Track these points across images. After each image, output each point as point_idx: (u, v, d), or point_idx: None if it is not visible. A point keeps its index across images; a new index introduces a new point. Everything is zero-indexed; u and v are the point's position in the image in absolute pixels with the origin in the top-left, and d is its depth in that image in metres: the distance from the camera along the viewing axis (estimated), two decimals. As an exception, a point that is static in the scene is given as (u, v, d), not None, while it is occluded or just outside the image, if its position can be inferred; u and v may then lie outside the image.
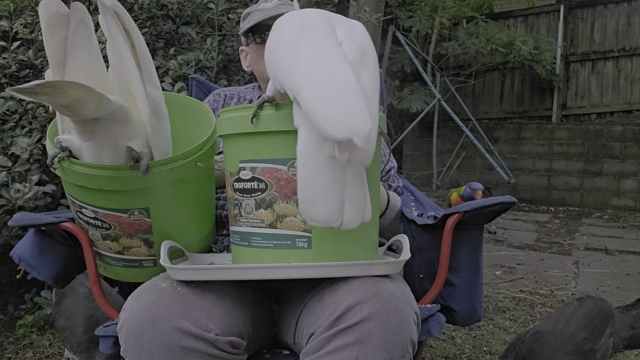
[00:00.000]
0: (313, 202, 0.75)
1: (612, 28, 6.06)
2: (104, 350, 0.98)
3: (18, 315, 2.04)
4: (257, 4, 1.43)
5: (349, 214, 0.76)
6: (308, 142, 0.77)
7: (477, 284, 1.14)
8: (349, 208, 0.76)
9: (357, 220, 0.77)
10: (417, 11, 5.67)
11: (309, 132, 0.77)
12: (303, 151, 0.77)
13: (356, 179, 0.77)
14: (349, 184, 0.77)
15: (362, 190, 0.78)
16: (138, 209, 0.98)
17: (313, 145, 0.76)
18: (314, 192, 0.75)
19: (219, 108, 1.43)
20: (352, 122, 0.72)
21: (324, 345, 0.86)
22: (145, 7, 2.31)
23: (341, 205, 0.76)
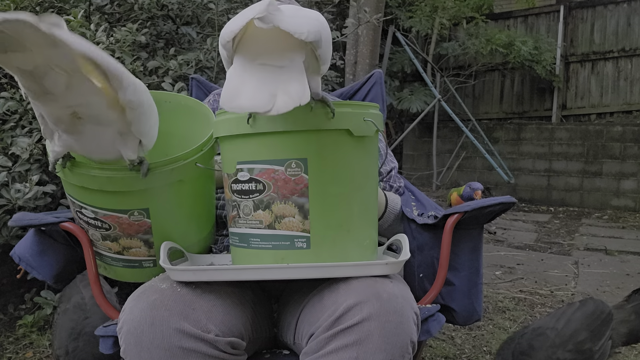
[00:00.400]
0: (237, 94, 0.74)
1: (612, 28, 6.06)
2: (104, 351, 0.99)
3: (18, 315, 2.04)
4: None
5: (281, 100, 0.74)
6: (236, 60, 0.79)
7: (476, 283, 1.14)
8: (282, 97, 0.74)
9: (291, 104, 0.74)
10: (417, 11, 5.68)
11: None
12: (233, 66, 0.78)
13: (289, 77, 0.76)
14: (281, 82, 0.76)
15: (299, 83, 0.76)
16: (138, 209, 0.99)
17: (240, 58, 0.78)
18: (238, 87, 0.74)
19: (219, 108, 1.43)
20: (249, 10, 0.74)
21: (323, 346, 0.86)
22: (145, 7, 2.31)
23: (272, 96, 0.74)
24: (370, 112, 0.94)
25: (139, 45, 2.24)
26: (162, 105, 1.16)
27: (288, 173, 0.87)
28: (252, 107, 0.73)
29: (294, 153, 0.87)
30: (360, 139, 0.92)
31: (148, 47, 2.37)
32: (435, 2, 5.55)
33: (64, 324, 1.34)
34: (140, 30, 2.16)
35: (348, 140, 0.91)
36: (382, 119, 1.00)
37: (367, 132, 0.93)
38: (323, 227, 0.89)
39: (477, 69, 6.20)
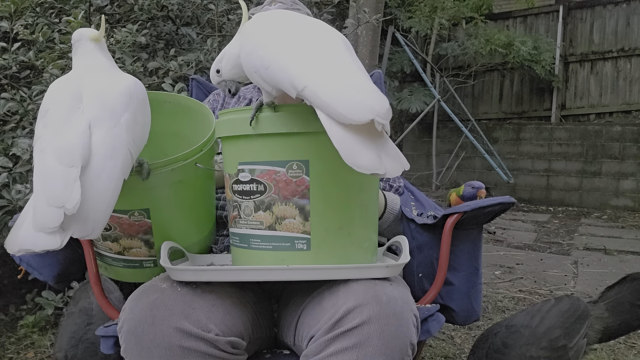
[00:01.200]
0: (355, 153, 0.75)
1: (611, 29, 6.07)
2: (105, 351, 0.99)
3: (19, 315, 2.05)
4: (261, 6, 1.44)
5: (389, 164, 0.76)
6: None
7: (475, 283, 1.15)
8: (388, 160, 0.76)
9: (399, 169, 0.77)
10: (416, 12, 5.68)
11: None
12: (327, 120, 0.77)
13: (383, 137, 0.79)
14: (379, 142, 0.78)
15: (393, 146, 0.80)
16: (138, 210, 0.99)
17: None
18: (353, 146, 0.75)
19: (219, 108, 1.44)
20: (369, 103, 0.75)
21: (323, 348, 0.86)
22: (145, 8, 2.31)
23: (379, 157, 0.76)
24: None
25: (139, 46, 2.25)
26: (162, 106, 1.16)
27: (289, 174, 0.88)
28: (373, 169, 0.75)
29: (295, 155, 0.88)
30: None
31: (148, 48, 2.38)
32: (435, 2, 5.56)
33: (67, 327, 1.34)
34: (141, 31, 2.16)
35: None
36: None
37: None
38: (323, 229, 0.89)
39: (477, 69, 6.20)
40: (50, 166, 0.80)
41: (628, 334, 2.11)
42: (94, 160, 0.81)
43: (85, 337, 1.29)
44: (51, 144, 0.82)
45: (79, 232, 0.78)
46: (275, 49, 0.83)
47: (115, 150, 0.83)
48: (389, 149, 0.78)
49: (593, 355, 1.92)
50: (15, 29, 1.99)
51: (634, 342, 2.08)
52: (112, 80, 0.93)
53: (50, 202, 0.76)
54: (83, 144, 0.81)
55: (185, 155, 1.00)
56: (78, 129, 0.83)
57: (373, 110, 0.74)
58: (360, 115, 0.74)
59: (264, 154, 0.89)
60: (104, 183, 0.80)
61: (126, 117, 0.88)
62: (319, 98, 0.76)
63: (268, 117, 0.88)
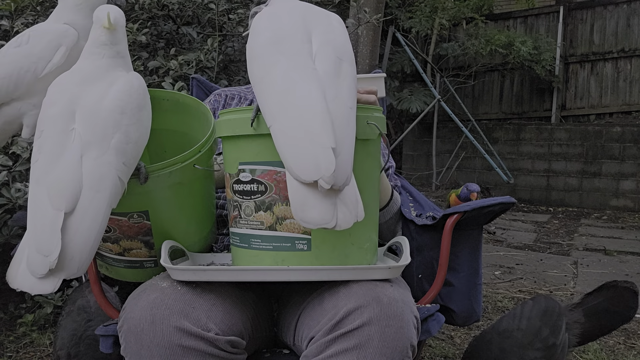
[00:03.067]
0: (305, 205, 0.77)
1: (612, 29, 6.06)
2: (104, 350, 0.99)
3: (18, 314, 2.04)
4: (265, 3, 1.43)
5: (342, 214, 0.78)
6: None
7: (475, 284, 1.15)
8: (342, 209, 0.78)
9: (350, 220, 0.78)
10: (417, 12, 5.68)
11: None
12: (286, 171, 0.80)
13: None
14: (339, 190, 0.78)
15: (353, 191, 0.80)
16: (137, 212, 0.99)
17: None
18: (305, 197, 0.77)
19: (220, 108, 1.43)
20: (317, 165, 0.76)
21: (323, 350, 0.86)
22: (146, 7, 2.31)
23: (334, 206, 0.77)
24: (374, 115, 0.95)
25: (140, 45, 2.25)
26: (160, 103, 1.16)
27: None
28: (321, 224, 0.77)
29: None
30: (363, 142, 0.92)
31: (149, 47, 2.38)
32: (435, 2, 5.55)
33: (67, 326, 1.34)
34: (141, 30, 2.16)
35: None
36: (384, 121, 1.00)
37: (370, 135, 0.93)
38: (324, 230, 0.89)
39: (477, 69, 6.20)
40: (42, 206, 0.83)
41: (628, 337, 2.11)
42: (82, 197, 0.83)
43: (87, 334, 1.31)
44: (45, 176, 0.85)
45: (66, 273, 0.81)
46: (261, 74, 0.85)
47: (103, 182, 0.85)
48: (347, 196, 0.79)
49: (593, 356, 1.92)
50: (15, 28, 1.99)
51: (634, 342, 2.08)
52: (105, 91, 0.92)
53: (38, 249, 0.80)
54: (74, 179, 0.84)
55: (184, 157, 0.99)
56: (70, 160, 0.85)
57: (319, 172, 0.75)
58: (306, 176, 0.76)
59: (264, 154, 0.89)
60: (89, 224, 0.83)
61: (117, 137, 0.88)
62: (278, 145, 0.79)
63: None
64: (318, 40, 0.87)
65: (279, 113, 0.80)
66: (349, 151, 0.80)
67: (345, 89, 0.84)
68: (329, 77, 0.83)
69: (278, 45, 0.86)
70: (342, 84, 0.84)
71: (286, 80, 0.82)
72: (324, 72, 0.84)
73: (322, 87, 0.82)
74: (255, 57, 0.88)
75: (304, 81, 0.82)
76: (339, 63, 0.86)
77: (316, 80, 0.82)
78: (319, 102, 0.80)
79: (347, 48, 0.90)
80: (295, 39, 0.86)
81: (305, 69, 0.83)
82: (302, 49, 0.86)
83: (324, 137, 0.78)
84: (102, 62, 0.95)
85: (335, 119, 0.80)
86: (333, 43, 0.88)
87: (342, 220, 0.77)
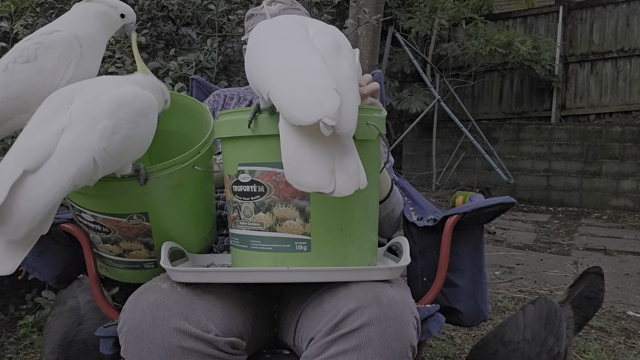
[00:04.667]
0: (300, 169, 0.74)
1: (611, 29, 6.07)
2: (104, 351, 0.99)
3: (19, 315, 2.05)
4: (260, 6, 1.43)
5: (341, 181, 0.75)
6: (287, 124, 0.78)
7: (480, 283, 1.14)
8: (341, 176, 0.75)
9: (351, 187, 0.75)
10: (416, 12, 5.68)
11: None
12: (284, 127, 0.78)
13: (345, 150, 0.77)
14: (337, 155, 0.77)
15: (354, 160, 0.77)
16: (137, 213, 0.99)
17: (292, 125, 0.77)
18: (300, 161, 0.74)
19: (219, 109, 1.43)
20: (320, 102, 0.73)
21: (323, 350, 0.86)
22: (145, 8, 2.32)
23: (331, 172, 0.75)
24: (374, 115, 0.95)
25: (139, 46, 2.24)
26: None
27: None
28: (317, 187, 0.74)
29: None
30: (363, 143, 0.92)
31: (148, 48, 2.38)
32: (435, 2, 5.56)
33: (57, 329, 1.31)
34: (141, 31, 2.16)
35: None
36: (384, 122, 1.00)
37: (370, 135, 0.93)
38: (324, 230, 0.89)
39: (477, 69, 6.20)
40: (5, 160, 0.83)
41: (628, 337, 2.11)
42: (47, 162, 0.82)
43: (77, 338, 1.28)
44: (19, 141, 0.85)
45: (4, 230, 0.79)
46: (258, 57, 0.85)
47: (74, 156, 0.83)
48: (347, 164, 0.76)
49: (593, 355, 1.92)
50: (15, 29, 1.99)
51: (634, 342, 2.08)
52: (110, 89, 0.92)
53: None
54: (44, 145, 0.82)
55: (183, 158, 0.99)
56: (51, 129, 0.84)
57: (323, 110, 0.72)
58: (309, 116, 0.72)
59: (264, 155, 0.89)
60: (43, 189, 0.80)
61: (105, 124, 0.87)
62: (277, 101, 0.77)
63: (267, 119, 0.88)
64: (314, 32, 0.89)
65: (278, 78, 0.79)
66: (353, 107, 0.78)
67: (346, 64, 0.84)
68: (328, 53, 0.84)
69: (275, 32, 0.88)
70: (342, 60, 0.85)
71: (284, 52, 0.82)
72: (323, 49, 0.84)
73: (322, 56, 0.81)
74: (253, 47, 0.88)
75: (303, 50, 0.82)
76: (337, 46, 0.87)
77: (316, 51, 0.82)
78: (319, 61, 0.80)
79: (345, 41, 0.91)
80: (292, 28, 0.88)
81: (304, 43, 0.84)
82: (300, 31, 0.87)
83: (324, 81, 0.76)
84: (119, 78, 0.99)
85: (338, 77, 0.79)
86: (331, 33, 0.90)
87: (341, 186, 0.74)
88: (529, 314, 1.27)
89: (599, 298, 1.36)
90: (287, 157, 0.75)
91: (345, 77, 0.82)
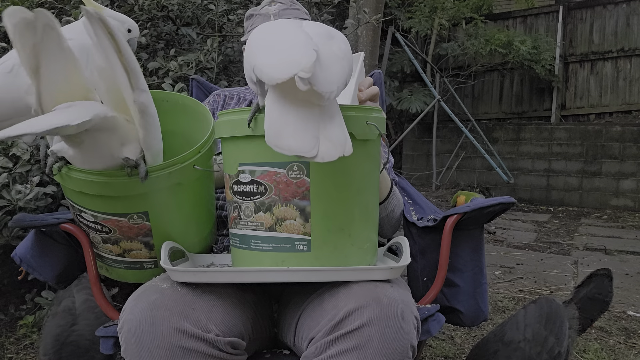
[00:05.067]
0: (282, 132, 0.74)
1: (611, 29, 6.07)
2: (105, 351, 0.99)
3: (19, 315, 2.05)
4: (260, 6, 1.43)
5: (325, 147, 0.74)
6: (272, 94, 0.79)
7: (481, 283, 1.14)
8: (325, 143, 0.74)
9: (335, 153, 0.74)
10: (416, 12, 5.68)
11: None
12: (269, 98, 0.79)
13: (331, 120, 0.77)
14: (323, 124, 0.76)
15: (340, 129, 0.76)
16: (137, 213, 0.99)
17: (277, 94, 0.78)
18: (283, 126, 0.74)
19: (219, 109, 1.43)
20: (296, 59, 0.73)
21: (323, 350, 0.86)
22: (145, 9, 2.32)
23: (315, 139, 0.74)
24: (374, 115, 0.95)
25: (139, 46, 2.25)
26: (160, 105, 1.16)
27: (290, 176, 0.88)
28: (299, 151, 0.73)
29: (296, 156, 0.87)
30: (363, 143, 0.92)
31: (148, 48, 2.38)
32: (435, 2, 5.56)
33: (51, 329, 1.29)
34: (141, 31, 2.16)
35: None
36: (384, 122, 1.00)
37: (370, 135, 0.93)
38: (324, 230, 0.89)
39: (477, 69, 6.20)
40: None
41: (628, 336, 2.11)
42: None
43: (70, 339, 1.26)
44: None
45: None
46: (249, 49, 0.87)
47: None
48: (333, 132, 0.75)
49: (593, 355, 1.92)
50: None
51: (635, 342, 2.08)
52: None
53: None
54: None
55: (183, 158, 0.99)
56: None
57: (299, 64, 0.72)
58: (285, 72, 0.72)
59: (264, 155, 0.89)
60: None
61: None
62: (260, 69, 0.77)
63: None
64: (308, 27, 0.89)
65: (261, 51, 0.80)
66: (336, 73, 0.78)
67: (336, 46, 0.85)
68: (318, 36, 0.84)
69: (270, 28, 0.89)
70: (333, 43, 0.85)
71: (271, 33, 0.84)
72: (313, 32, 0.85)
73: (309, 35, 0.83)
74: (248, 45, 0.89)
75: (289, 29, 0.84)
76: (330, 38, 0.87)
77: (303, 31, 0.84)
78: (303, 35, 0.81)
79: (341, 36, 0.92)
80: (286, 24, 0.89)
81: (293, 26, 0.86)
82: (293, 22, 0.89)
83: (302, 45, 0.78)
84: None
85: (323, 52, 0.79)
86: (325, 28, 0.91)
87: (324, 152, 0.73)
88: (529, 313, 1.27)
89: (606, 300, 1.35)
90: (270, 122, 0.74)
91: (331, 53, 0.82)
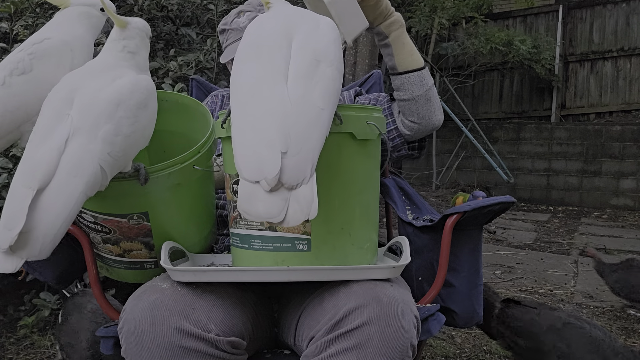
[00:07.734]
0: (252, 198, 0.75)
1: (611, 28, 6.06)
2: (105, 351, 0.99)
3: (18, 316, 2.05)
4: (229, 18, 1.43)
5: (292, 210, 0.75)
6: None
7: (476, 284, 1.14)
8: (293, 205, 0.75)
9: (300, 218, 0.75)
10: (416, 11, 5.68)
11: None
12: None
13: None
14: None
15: (309, 190, 0.77)
16: (137, 213, 0.99)
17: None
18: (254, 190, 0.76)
19: (217, 109, 1.43)
20: (260, 167, 0.75)
21: (324, 349, 0.86)
22: (145, 9, 2.32)
23: (284, 202, 0.75)
24: (374, 115, 0.95)
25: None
26: (159, 104, 1.16)
27: None
28: (268, 217, 0.75)
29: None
30: (363, 142, 0.92)
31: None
32: (435, 2, 5.55)
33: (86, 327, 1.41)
34: (140, 31, 2.16)
35: (351, 144, 0.91)
36: (384, 122, 1.00)
37: (370, 135, 0.93)
38: (324, 230, 0.89)
39: (477, 68, 6.20)
40: (14, 184, 0.84)
41: (628, 336, 2.11)
42: (56, 179, 0.82)
43: None
44: (25, 161, 0.86)
45: (27, 253, 0.80)
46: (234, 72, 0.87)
47: (81, 168, 0.84)
48: (301, 194, 0.76)
49: (593, 355, 1.91)
50: (15, 30, 1.99)
51: (634, 341, 2.08)
52: (106, 84, 0.92)
53: (4, 223, 0.80)
54: (49, 161, 0.83)
55: (183, 158, 0.99)
56: (54, 143, 0.85)
57: (261, 174, 0.75)
58: (251, 176, 0.76)
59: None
60: (59, 206, 0.82)
61: (107, 128, 0.88)
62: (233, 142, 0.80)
63: None
64: (297, 45, 0.86)
65: (241, 114, 0.82)
66: (311, 152, 0.78)
67: (318, 90, 0.82)
68: (299, 78, 0.82)
69: (254, 49, 0.87)
70: (315, 86, 0.82)
71: (252, 84, 0.83)
72: (294, 74, 0.83)
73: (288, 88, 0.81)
74: (234, 60, 0.89)
75: (269, 83, 0.82)
76: (315, 65, 0.84)
77: (283, 82, 0.82)
78: (279, 103, 0.79)
79: (330, 50, 0.88)
80: (272, 45, 0.86)
81: (274, 72, 0.83)
82: (277, 54, 0.85)
83: (275, 140, 0.77)
84: (110, 58, 0.97)
85: (299, 120, 0.79)
86: (313, 46, 0.87)
87: (291, 216, 0.75)
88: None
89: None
90: (242, 184, 0.77)
91: (308, 114, 0.80)
